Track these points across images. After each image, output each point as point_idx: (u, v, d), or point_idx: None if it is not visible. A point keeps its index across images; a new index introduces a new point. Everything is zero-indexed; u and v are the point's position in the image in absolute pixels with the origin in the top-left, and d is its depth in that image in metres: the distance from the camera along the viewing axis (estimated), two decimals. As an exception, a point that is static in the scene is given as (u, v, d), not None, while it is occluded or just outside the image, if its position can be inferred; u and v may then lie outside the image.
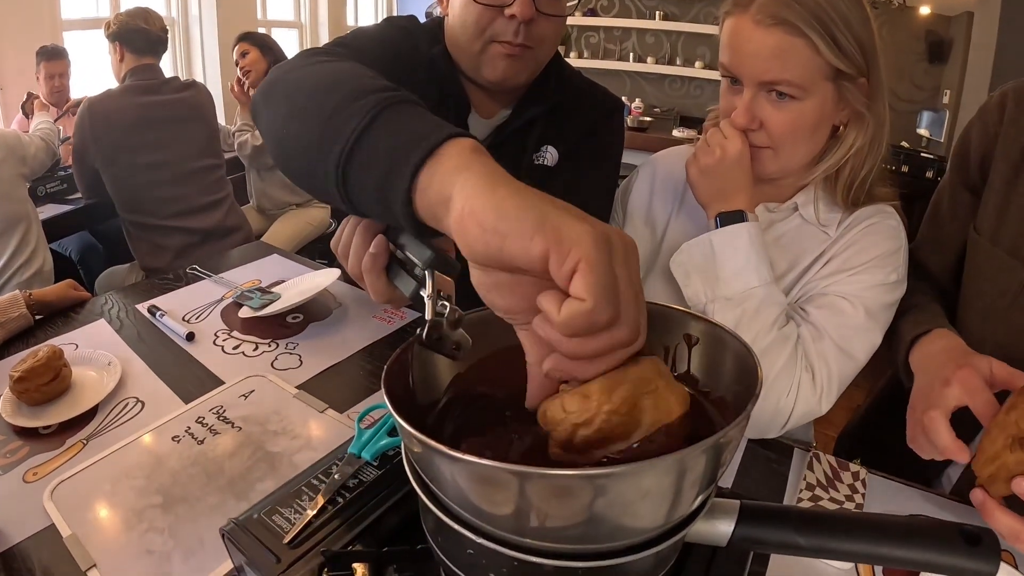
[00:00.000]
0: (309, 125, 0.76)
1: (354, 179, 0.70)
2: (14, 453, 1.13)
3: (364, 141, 0.68)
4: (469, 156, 0.60)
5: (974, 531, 0.54)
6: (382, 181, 0.65)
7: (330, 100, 0.74)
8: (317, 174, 0.75)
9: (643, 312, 0.55)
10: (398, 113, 0.68)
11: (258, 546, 0.76)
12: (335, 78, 0.79)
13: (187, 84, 3.00)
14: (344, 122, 0.70)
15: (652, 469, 0.49)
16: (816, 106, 1.15)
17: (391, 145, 0.65)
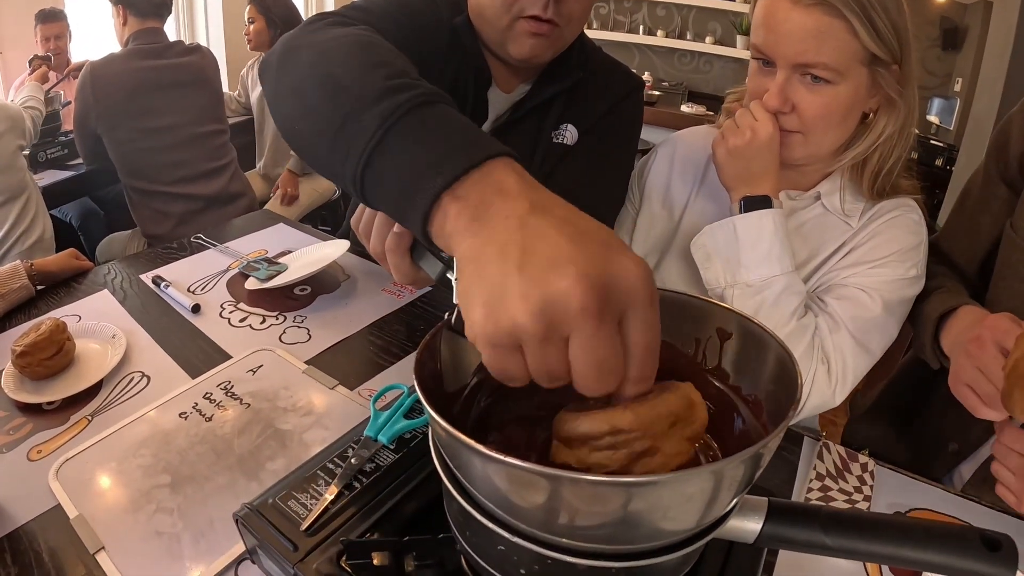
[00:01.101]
0: (322, 130, 0.73)
1: (372, 200, 0.68)
2: (17, 430, 1.10)
3: (374, 164, 0.65)
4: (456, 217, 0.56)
5: (994, 536, 0.53)
6: (397, 214, 0.64)
7: (338, 105, 0.70)
8: (337, 179, 0.73)
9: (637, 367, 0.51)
10: (401, 135, 0.64)
11: (274, 533, 0.74)
12: (344, 72, 0.75)
13: (191, 48, 2.95)
14: (353, 139, 0.66)
15: (692, 479, 0.48)
16: (850, 91, 1.13)
17: (399, 177, 0.62)
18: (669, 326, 0.70)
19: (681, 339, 0.70)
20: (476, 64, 1.37)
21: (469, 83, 1.38)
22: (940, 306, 1.24)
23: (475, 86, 1.38)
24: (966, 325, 1.17)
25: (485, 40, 1.35)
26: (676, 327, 0.70)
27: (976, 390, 1.01)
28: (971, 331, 1.09)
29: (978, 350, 1.02)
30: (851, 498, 1.02)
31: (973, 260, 1.38)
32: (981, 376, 1.00)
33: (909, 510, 1.03)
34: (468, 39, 1.35)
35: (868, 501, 1.02)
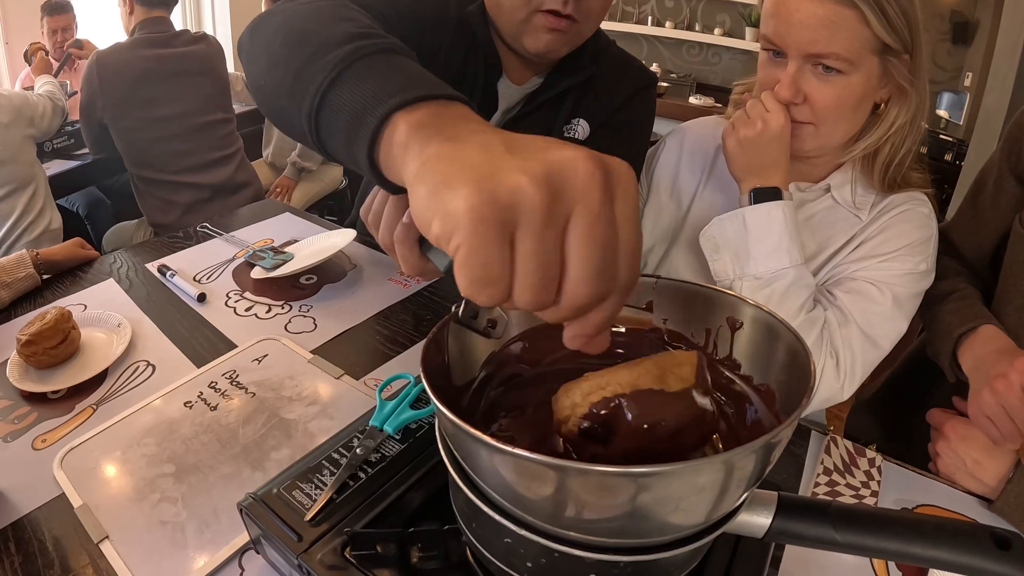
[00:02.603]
0: (282, 78, 0.73)
1: (325, 136, 0.67)
2: (22, 419, 1.10)
3: (329, 99, 0.64)
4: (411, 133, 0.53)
5: (1005, 535, 0.52)
6: (348, 144, 0.62)
7: (301, 52, 0.70)
8: (295, 129, 0.72)
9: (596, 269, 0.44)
10: (360, 71, 0.63)
11: (279, 523, 0.74)
12: (308, 25, 0.75)
13: (198, 37, 2.94)
14: (310, 80, 0.66)
15: (702, 469, 0.47)
16: (862, 81, 1.12)
17: (351, 106, 0.61)
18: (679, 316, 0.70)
19: (691, 328, 0.69)
20: (487, 54, 1.36)
21: (479, 73, 1.36)
22: (960, 322, 1.25)
23: (485, 76, 1.37)
24: (990, 352, 1.18)
25: (500, 31, 1.33)
26: (686, 316, 0.69)
27: (998, 426, 1.06)
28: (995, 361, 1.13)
29: (1005, 390, 1.05)
30: (858, 493, 1.02)
31: (983, 254, 1.38)
32: (1004, 415, 1.05)
33: (916, 506, 1.03)
34: (480, 28, 1.33)
35: (875, 496, 1.02)
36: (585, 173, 0.42)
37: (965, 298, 1.30)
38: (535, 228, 0.41)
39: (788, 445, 1.09)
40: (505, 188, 0.41)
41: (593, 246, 0.42)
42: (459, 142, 0.48)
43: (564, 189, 0.42)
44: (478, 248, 0.41)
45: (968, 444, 1.09)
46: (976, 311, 1.26)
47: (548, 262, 0.42)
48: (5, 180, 2.51)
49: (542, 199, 0.41)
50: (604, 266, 0.43)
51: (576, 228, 0.42)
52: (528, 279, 0.42)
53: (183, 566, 0.85)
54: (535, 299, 0.43)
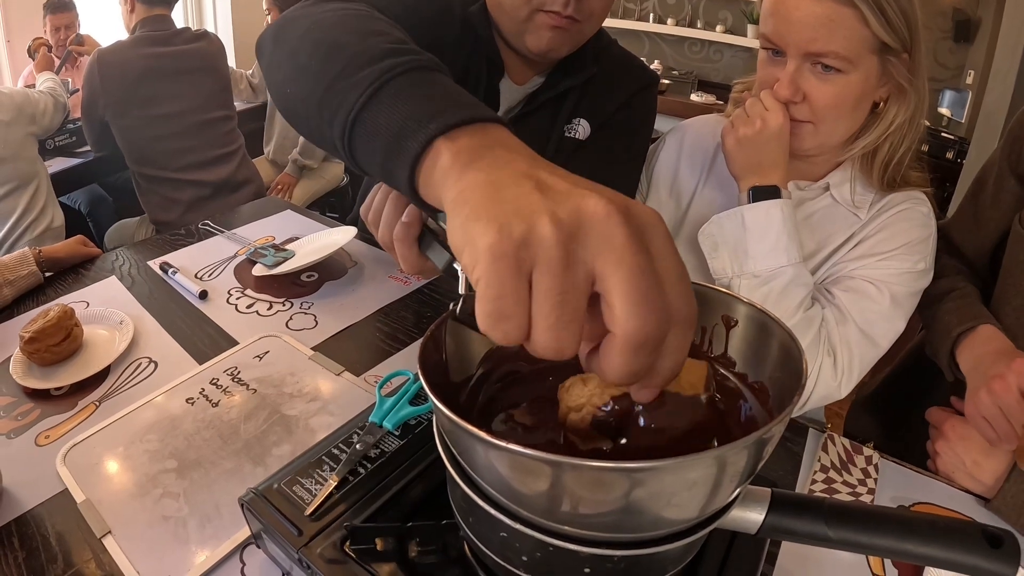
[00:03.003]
0: (312, 89, 0.72)
1: (360, 154, 0.67)
2: (25, 415, 1.11)
3: (365, 117, 0.64)
4: (452, 159, 0.54)
5: (997, 533, 0.53)
6: (385, 163, 0.62)
7: (333, 64, 0.70)
8: (325, 141, 0.72)
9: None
10: (396, 90, 0.63)
11: (279, 518, 0.75)
12: (340, 37, 0.74)
13: (198, 35, 2.94)
14: (345, 94, 0.66)
15: (694, 465, 0.46)
16: (860, 80, 1.12)
17: (389, 126, 0.61)
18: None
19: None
20: (489, 54, 1.36)
21: (481, 73, 1.36)
22: (959, 321, 1.25)
23: (487, 76, 1.37)
24: (988, 352, 1.18)
25: (502, 31, 1.33)
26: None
27: (995, 427, 1.06)
28: (993, 361, 1.14)
29: (1003, 391, 1.05)
30: (855, 491, 1.02)
31: (982, 253, 1.38)
32: (1001, 416, 1.05)
33: (912, 504, 1.03)
34: (483, 28, 1.33)
35: (872, 494, 1.02)
36: (603, 213, 0.42)
37: (964, 297, 1.30)
38: (551, 265, 0.41)
39: (785, 442, 1.10)
40: (524, 227, 0.42)
41: (629, 275, 0.41)
42: (494, 172, 0.49)
43: (585, 229, 0.42)
44: (494, 283, 0.42)
45: (967, 443, 1.09)
46: (975, 311, 1.26)
47: (566, 300, 0.42)
48: (7, 178, 2.52)
49: (558, 238, 0.41)
50: (648, 292, 0.42)
51: (607, 266, 0.42)
52: (546, 318, 0.42)
53: (185, 561, 0.85)
54: (554, 339, 0.42)
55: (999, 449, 1.06)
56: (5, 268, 1.40)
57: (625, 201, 0.44)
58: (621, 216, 0.42)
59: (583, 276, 0.42)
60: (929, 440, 1.17)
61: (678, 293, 0.44)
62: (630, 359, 0.42)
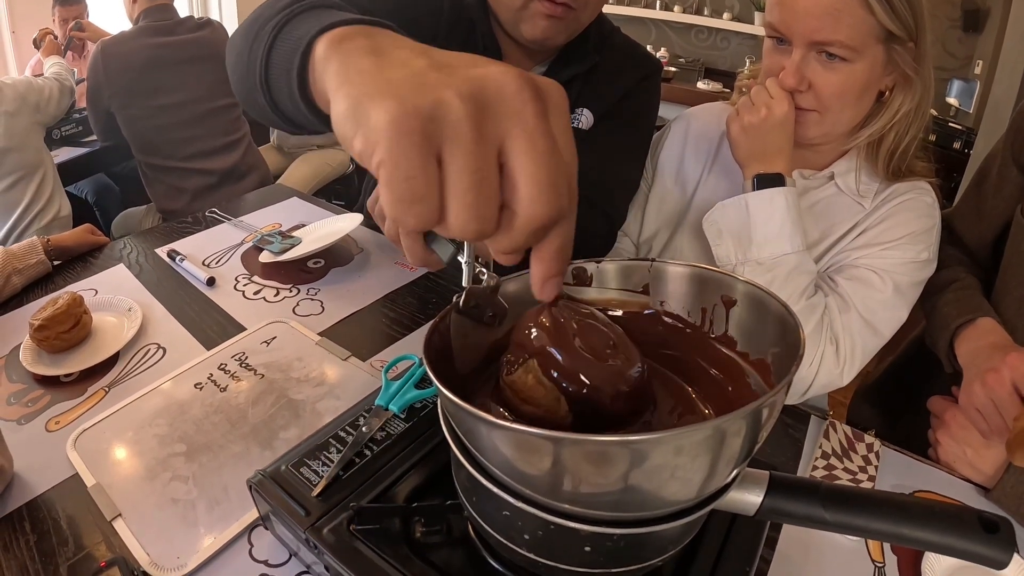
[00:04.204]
0: (243, 67, 0.75)
1: (280, 101, 0.68)
2: (36, 402, 1.12)
3: (270, 62, 0.66)
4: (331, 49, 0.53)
5: (992, 519, 0.53)
6: (289, 95, 0.62)
7: (248, 39, 0.72)
8: (264, 112, 0.73)
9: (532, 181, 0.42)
10: (291, 28, 0.65)
11: (286, 499, 0.76)
12: (257, 13, 0.77)
13: (202, 23, 2.93)
14: (256, 53, 0.68)
15: (693, 434, 0.47)
16: (866, 69, 1.12)
17: (285, 56, 0.62)
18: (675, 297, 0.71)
19: (687, 309, 0.70)
20: (486, 44, 1.35)
21: None
22: (958, 313, 1.25)
23: None
24: (985, 345, 1.19)
25: (500, 20, 1.32)
26: (682, 297, 0.70)
27: (986, 418, 1.07)
28: (989, 354, 1.14)
29: (996, 384, 1.06)
30: (855, 477, 1.03)
31: (984, 243, 1.38)
32: (993, 409, 1.06)
33: (913, 492, 1.04)
34: (480, 18, 1.33)
35: (872, 481, 1.03)
36: (515, 87, 0.41)
37: (964, 289, 1.30)
38: (464, 142, 0.40)
39: (787, 429, 1.11)
40: (428, 101, 0.40)
41: (540, 159, 0.41)
42: (382, 56, 0.47)
43: (494, 104, 0.41)
44: (401, 162, 0.40)
45: (968, 433, 1.10)
46: (975, 303, 1.26)
47: (483, 179, 0.41)
48: (13, 168, 2.53)
49: (468, 112, 0.40)
50: (555, 179, 0.42)
51: (517, 144, 0.41)
52: (462, 198, 0.41)
53: (194, 542, 0.87)
54: (474, 220, 0.41)
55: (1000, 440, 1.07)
56: (14, 257, 1.41)
57: (530, 75, 0.43)
58: (531, 91, 0.42)
59: (495, 153, 0.41)
60: (930, 429, 1.17)
61: (572, 183, 0.44)
62: (525, 239, 0.43)
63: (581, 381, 0.55)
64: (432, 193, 0.41)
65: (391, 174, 0.40)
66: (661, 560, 0.62)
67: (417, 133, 0.39)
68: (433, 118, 0.40)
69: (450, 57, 0.45)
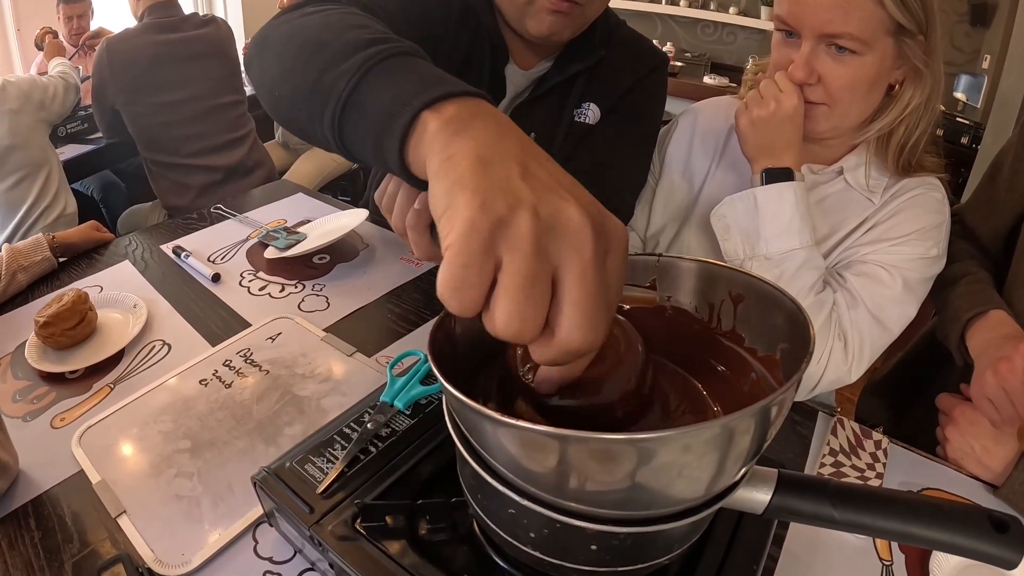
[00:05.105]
0: (299, 87, 0.74)
1: (351, 142, 0.67)
2: (41, 399, 1.12)
3: (352, 105, 0.65)
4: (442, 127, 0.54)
5: (1003, 518, 0.53)
6: (375, 146, 0.62)
7: (317, 60, 0.71)
8: (316, 136, 0.72)
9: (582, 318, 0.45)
10: (380, 75, 0.64)
11: (291, 496, 0.75)
12: (322, 35, 0.75)
13: (206, 20, 2.94)
14: (332, 85, 0.67)
15: (701, 433, 0.46)
16: (876, 62, 1.11)
17: (377, 109, 0.61)
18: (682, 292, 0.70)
19: (695, 304, 0.70)
20: (492, 40, 1.34)
21: (485, 59, 1.35)
22: (970, 306, 1.25)
23: (491, 62, 1.36)
24: (997, 337, 1.18)
25: (505, 16, 1.31)
26: (689, 292, 0.70)
27: (998, 407, 1.07)
28: (1001, 345, 1.14)
29: (1008, 372, 1.06)
30: (863, 475, 1.02)
31: (997, 237, 1.38)
32: (1006, 398, 1.06)
33: (921, 489, 1.03)
34: (485, 14, 1.32)
35: (880, 479, 1.02)
36: (581, 222, 0.45)
37: (976, 282, 1.30)
38: (523, 249, 0.43)
39: (794, 426, 1.10)
40: (505, 208, 0.44)
41: (588, 290, 0.44)
42: (484, 145, 0.50)
43: (560, 230, 0.45)
44: (463, 250, 0.43)
45: (977, 429, 1.09)
46: (986, 296, 1.26)
47: (533, 285, 0.44)
48: (18, 166, 2.53)
49: (534, 228, 0.44)
50: (597, 314, 0.45)
51: (571, 270, 0.44)
52: (511, 296, 0.44)
53: (199, 539, 0.86)
54: (516, 319, 0.44)
55: (1010, 436, 1.06)
56: (19, 254, 1.41)
57: (602, 215, 0.47)
58: (594, 231, 0.45)
59: (549, 269, 0.44)
60: (939, 426, 1.17)
61: (612, 315, 0.49)
62: (557, 358, 0.46)
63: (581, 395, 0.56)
64: (481, 284, 0.44)
65: (452, 258, 0.43)
66: (668, 559, 0.61)
67: (486, 232, 0.43)
68: (505, 224, 0.44)
69: (543, 170, 0.49)
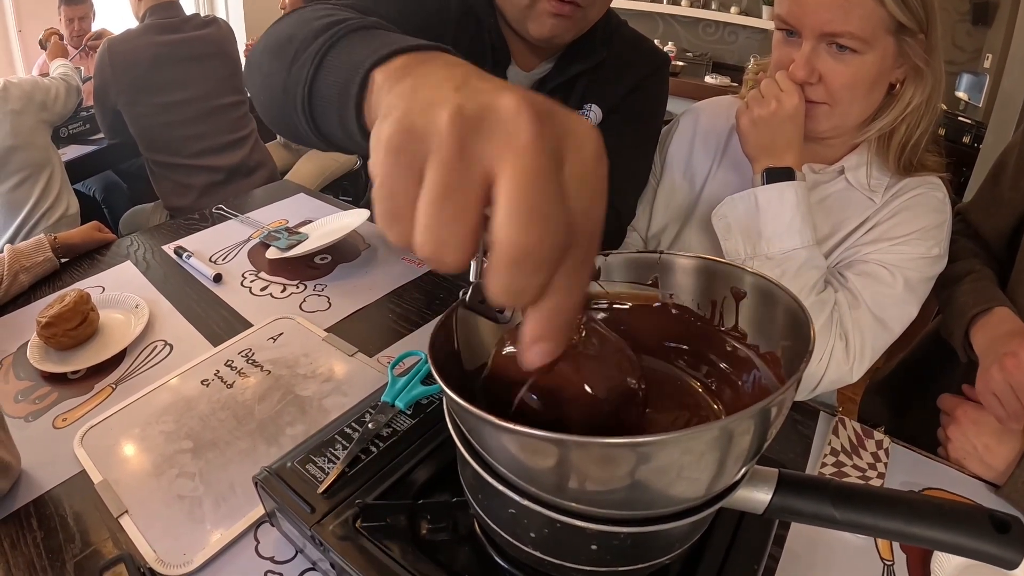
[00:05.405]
0: (275, 87, 0.74)
1: (324, 126, 0.67)
2: (43, 399, 1.12)
3: (316, 87, 0.65)
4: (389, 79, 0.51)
5: (1004, 518, 0.53)
6: (341, 124, 0.61)
7: (286, 55, 0.72)
8: (301, 135, 0.72)
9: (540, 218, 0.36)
10: (338, 52, 0.64)
11: (292, 496, 0.76)
12: (289, 32, 0.76)
13: (208, 21, 2.94)
14: (298, 75, 0.67)
15: (701, 436, 0.47)
16: (877, 60, 1.11)
17: (336, 84, 0.61)
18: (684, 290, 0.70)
19: (697, 302, 0.70)
20: (494, 42, 1.34)
21: (486, 61, 1.35)
22: (974, 303, 1.25)
23: (492, 64, 1.35)
24: (1002, 333, 1.19)
25: (507, 18, 1.31)
26: (691, 290, 0.70)
27: (1004, 403, 1.07)
28: (1006, 341, 1.14)
29: (1014, 368, 1.07)
30: (865, 474, 1.02)
31: (1001, 235, 1.38)
32: (1011, 393, 1.06)
33: (923, 489, 1.03)
34: (486, 16, 1.32)
35: (882, 478, 1.02)
36: (513, 108, 0.37)
37: (981, 280, 1.30)
38: (439, 155, 0.37)
39: (796, 425, 1.10)
40: (423, 119, 0.38)
41: (521, 180, 0.36)
42: (421, 78, 0.45)
43: (488, 124, 0.37)
44: (385, 180, 0.38)
45: (979, 428, 1.09)
46: (990, 293, 1.26)
47: (448, 195, 0.37)
48: (20, 166, 2.53)
49: (454, 127, 0.37)
50: (538, 204, 0.36)
51: (502, 165, 0.36)
52: (424, 214, 0.37)
53: (200, 539, 0.87)
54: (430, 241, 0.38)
55: (1012, 434, 1.06)
56: (21, 255, 1.41)
57: (551, 106, 0.39)
58: (532, 113, 0.37)
59: (477, 174, 0.37)
60: (940, 427, 1.17)
61: (582, 209, 0.38)
62: (506, 276, 0.36)
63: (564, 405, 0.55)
64: (411, 214, 0.38)
65: (377, 191, 0.39)
66: (669, 558, 0.61)
67: (403, 151, 0.38)
68: (421, 136, 0.38)
69: (484, 81, 0.41)
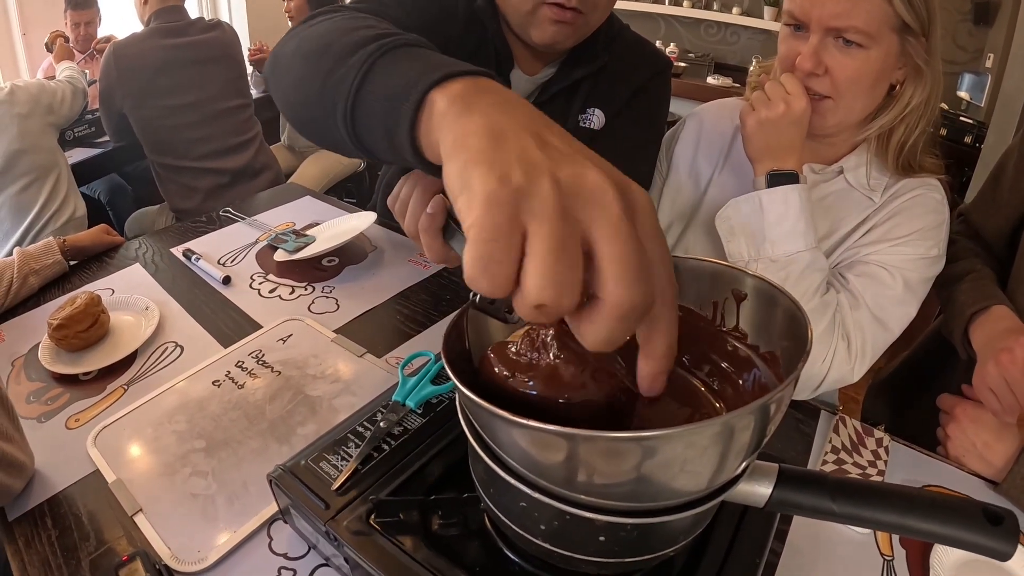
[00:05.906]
0: (310, 91, 0.76)
1: (364, 136, 0.68)
2: (55, 400, 1.13)
3: (361, 98, 0.66)
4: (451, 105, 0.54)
5: (996, 511, 0.54)
6: (387, 136, 0.63)
7: (325, 61, 0.73)
8: (334, 137, 0.74)
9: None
10: (386, 65, 0.65)
11: (307, 492, 0.77)
12: (328, 39, 0.77)
13: (212, 24, 2.95)
14: (340, 83, 0.68)
15: (702, 431, 0.48)
16: (881, 56, 1.13)
17: (384, 98, 0.62)
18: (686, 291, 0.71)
19: (699, 303, 0.71)
20: (497, 47, 1.35)
21: (490, 66, 1.35)
22: (974, 301, 1.26)
23: (496, 69, 1.36)
24: (999, 330, 1.20)
25: (510, 23, 1.32)
26: (693, 291, 0.71)
27: (999, 398, 1.09)
28: (1003, 337, 1.16)
29: (1010, 363, 1.08)
30: (865, 472, 1.03)
31: (1000, 235, 1.39)
32: (1007, 387, 1.08)
33: (923, 486, 1.04)
34: (490, 21, 1.33)
35: (882, 476, 1.03)
36: (601, 183, 0.44)
37: (980, 279, 1.31)
38: (548, 216, 0.42)
39: (797, 423, 1.11)
40: (524, 178, 0.43)
41: (624, 244, 0.42)
42: (494, 117, 0.49)
43: (583, 195, 0.43)
44: (487, 226, 0.42)
45: (978, 425, 1.10)
46: (990, 291, 1.27)
47: (563, 248, 0.42)
48: (27, 169, 2.54)
49: (556, 194, 0.42)
50: (640, 264, 0.43)
51: (601, 231, 0.43)
52: (541, 262, 0.41)
53: (214, 536, 0.88)
54: (551, 284, 0.41)
55: (1011, 431, 1.07)
56: (31, 257, 1.43)
57: (623, 180, 0.46)
58: (617, 192, 0.44)
59: (579, 233, 0.43)
60: (940, 427, 1.18)
61: (663, 273, 0.46)
62: (613, 326, 0.43)
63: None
64: (509, 259, 0.42)
65: (476, 236, 0.42)
66: (673, 550, 0.62)
67: (508, 204, 0.42)
68: (526, 194, 0.42)
69: (556, 138, 0.48)
